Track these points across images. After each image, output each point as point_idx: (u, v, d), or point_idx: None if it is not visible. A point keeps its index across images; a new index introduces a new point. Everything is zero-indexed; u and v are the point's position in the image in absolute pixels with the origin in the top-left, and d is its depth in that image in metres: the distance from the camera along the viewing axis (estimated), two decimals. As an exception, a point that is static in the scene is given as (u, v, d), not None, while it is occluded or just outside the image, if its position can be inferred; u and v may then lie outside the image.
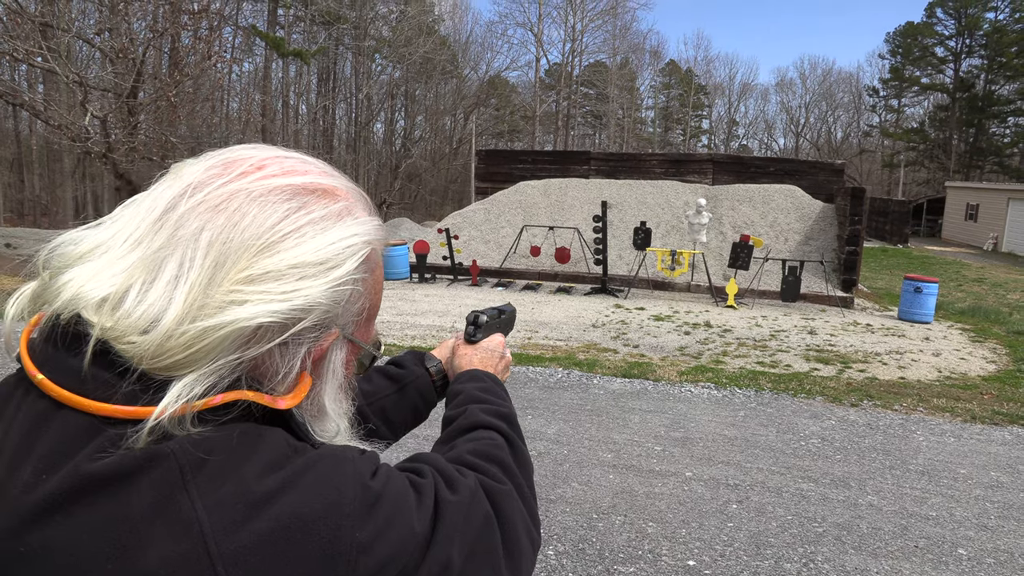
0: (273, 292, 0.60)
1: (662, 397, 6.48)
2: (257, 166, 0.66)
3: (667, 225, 15.32)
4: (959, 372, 7.75)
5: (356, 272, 0.66)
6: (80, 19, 16.78)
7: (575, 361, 7.69)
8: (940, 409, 6.34)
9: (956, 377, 7.52)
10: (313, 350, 0.65)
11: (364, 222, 0.68)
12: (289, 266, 0.61)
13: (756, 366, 7.75)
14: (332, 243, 0.64)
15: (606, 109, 48.45)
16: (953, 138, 50.29)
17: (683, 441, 5.31)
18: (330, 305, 0.64)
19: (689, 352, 8.37)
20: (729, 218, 15.29)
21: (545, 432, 5.44)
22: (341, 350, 0.70)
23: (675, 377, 7.13)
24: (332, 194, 0.67)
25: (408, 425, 1.12)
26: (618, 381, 6.98)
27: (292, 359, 0.64)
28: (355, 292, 0.67)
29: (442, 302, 11.26)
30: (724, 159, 18.49)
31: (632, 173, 17.94)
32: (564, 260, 13.64)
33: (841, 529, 3.97)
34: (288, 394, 0.65)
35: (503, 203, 16.70)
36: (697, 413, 6.02)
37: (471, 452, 0.82)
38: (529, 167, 18.88)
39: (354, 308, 0.68)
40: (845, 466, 4.92)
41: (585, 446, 5.17)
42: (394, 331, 9.14)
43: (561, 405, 6.16)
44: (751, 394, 6.63)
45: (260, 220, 0.62)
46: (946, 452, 5.26)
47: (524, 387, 6.70)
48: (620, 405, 6.20)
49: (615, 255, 14.30)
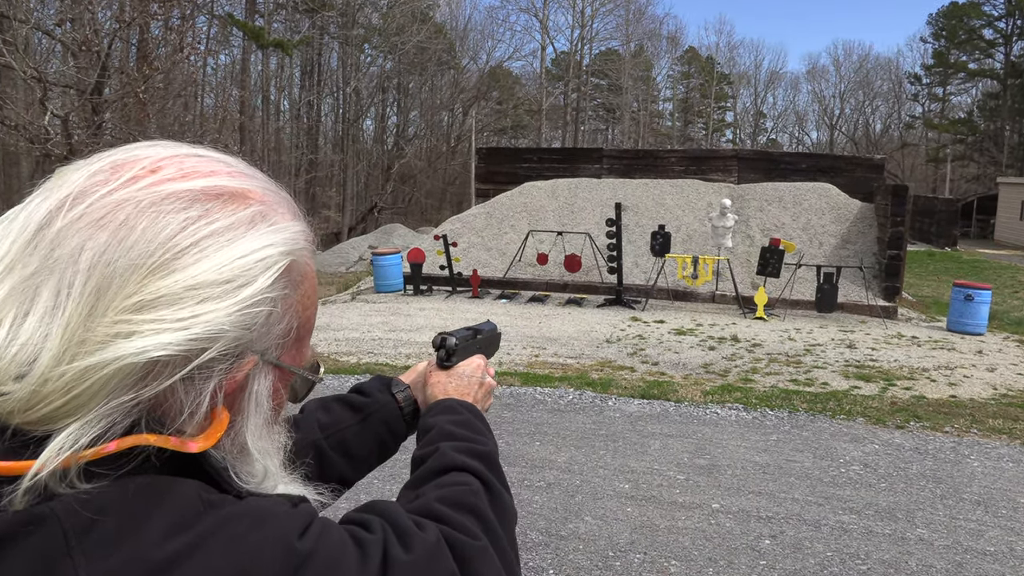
0: (167, 320, 0.57)
1: (685, 420, 6.45)
2: (151, 168, 0.62)
3: (688, 229, 15.32)
4: (1017, 389, 7.70)
5: (271, 289, 0.63)
6: (39, 8, 16.97)
7: (587, 380, 7.67)
8: (996, 431, 6.29)
9: (1014, 395, 7.47)
10: (225, 382, 0.62)
11: (281, 229, 0.65)
12: (187, 288, 0.58)
13: (789, 384, 7.73)
14: (240, 257, 0.61)
15: (619, 102, 48.63)
16: (1005, 129, 50.26)
17: (709, 469, 5.28)
18: (239, 331, 0.61)
19: (714, 369, 8.34)
20: (757, 220, 15.29)
21: (555, 460, 5.42)
22: (265, 378, 0.67)
23: (699, 398, 7.11)
24: (242, 198, 0.64)
25: (373, 461, 1.08)
26: (636, 402, 6.95)
27: (199, 394, 0.61)
28: (273, 313, 0.64)
29: (440, 316, 11.26)
30: (751, 155, 18.50)
31: (649, 172, 17.97)
32: (574, 269, 13.65)
33: (888, 567, 3.93)
34: (200, 434, 0.62)
35: (506, 206, 16.73)
36: (724, 437, 6.00)
37: (440, 500, 0.79)
38: (535, 166, 18.92)
39: (276, 330, 0.65)
40: (891, 496, 4.88)
41: (599, 475, 5.14)
42: (386, 349, 9.14)
43: (572, 430, 6.13)
44: (784, 416, 6.60)
45: (151, 235, 0.59)
46: (1004, 479, 5.21)
47: (531, 410, 6.68)
48: (638, 429, 6.17)
49: (631, 263, 14.30)
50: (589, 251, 14.24)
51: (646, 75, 51.80)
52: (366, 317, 11.26)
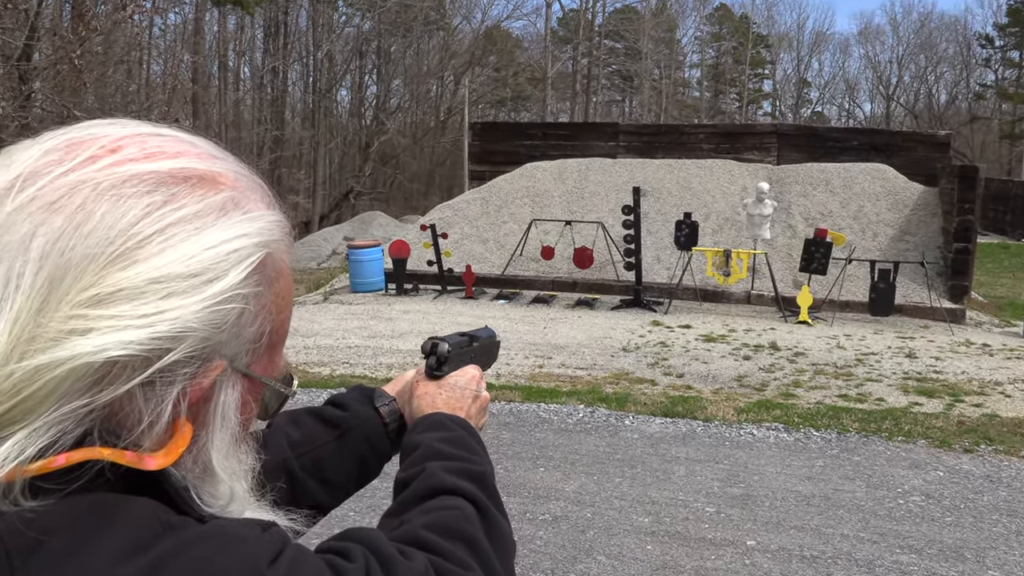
0: (128, 316, 0.59)
1: (715, 442, 6.44)
2: (110, 148, 0.64)
3: (719, 217, 15.31)
4: (1106, 406, 7.69)
5: (244, 285, 0.65)
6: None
7: (601, 396, 7.67)
8: (1082, 455, 6.28)
9: (1102, 412, 7.46)
10: (189, 390, 0.64)
11: (256, 218, 0.67)
12: (150, 280, 0.60)
13: (838, 400, 7.72)
14: (209, 248, 0.63)
15: (638, 68, 48.60)
16: (1092, 100, 50.23)
17: (743, 500, 5.27)
18: (208, 331, 0.63)
19: (750, 383, 8.33)
20: (800, 207, 15.29)
21: (562, 489, 5.41)
22: (233, 388, 0.69)
23: (732, 416, 7.11)
24: (212, 182, 0.66)
25: (352, 485, 1.10)
26: (657, 421, 6.95)
27: (160, 403, 0.63)
28: (246, 312, 0.66)
29: (427, 320, 11.26)
30: (793, 131, 18.48)
31: (673, 150, 17.96)
32: (585, 264, 13.64)
33: (954, 615, 3.93)
34: (159, 449, 0.63)
35: (505, 191, 16.73)
36: (761, 463, 5.98)
37: (427, 526, 0.80)
38: (539, 144, 18.91)
39: (247, 333, 0.67)
40: (958, 531, 4.87)
41: (615, 507, 5.13)
42: (364, 359, 9.13)
43: (583, 453, 6.13)
44: (832, 437, 6.59)
45: (111, 220, 0.60)
46: (1091, 512, 5.20)
47: (533, 430, 6.68)
48: (660, 453, 6.17)
49: (652, 257, 14.30)
50: (602, 244, 14.24)
51: (669, 37, 51.81)
52: (341, 321, 11.26)
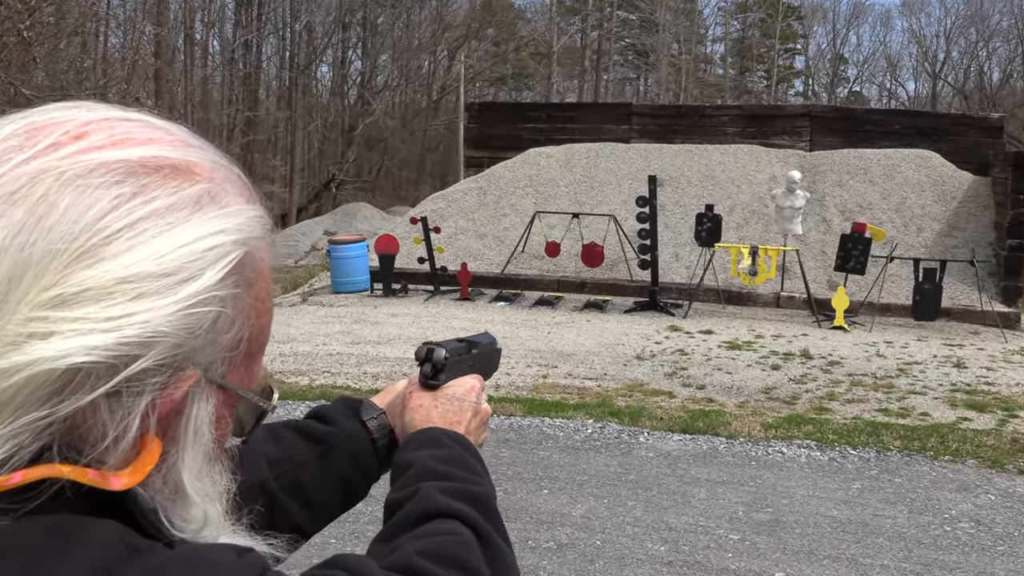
0: (93, 318, 0.60)
1: (740, 462, 6.46)
2: (75, 134, 0.65)
3: (744, 209, 15.31)
4: None
5: (221, 286, 0.65)
6: None
7: (612, 409, 7.68)
8: None
9: None
10: (159, 402, 0.64)
11: (234, 213, 0.68)
12: (118, 280, 0.61)
13: (877, 415, 7.73)
14: (184, 245, 0.64)
15: (654, 42, 48.61)
16: None
17: (771, 526, 5.28)
18: (181, 336, 0.63)
19: (779, 395, 8.34)
20: (835, 199, 15.29)
21: (568, 514, 5.43)
22: (207, 401, 0.69)
23: (758, 432, 7.12)
24: (187, 173, 0.67)
25: (336, 507, 1.10)
26: (675, 438, 6.96)
27: (127, 415, 0.63)
28: (222, 316, 0.66)
29: (418, 324, 11.26)
30: (827, 112, 18.50)
31: (693, 134, 17.96)
32: (595, 262, 13.64)
33: (1006, 655, 3.94)
34: (125, 467, 0.63)
35: (505, 180, 16.73)
36: (792, 485, 5.99)
37: (421, 553, 0.80)
38: (543, 127, 18.91)
39: (223, 340, 0.68)
40: (1011, 562, 4.88)
41: (627, 534, 5.15)
42: (348, 368, 9.15)
43: (592, 474, 6.14)
44: (870, 456, 6.61)
45: (75, 214, 0.61)
46: None
47: (537, 447, 6.69)
48: (678, 473, 6.18)
49: (669, 254, 14.30)
50: (614, 239, 14.24)
51: (689, 7, 51.76)
52: (321, 325, 11.26)
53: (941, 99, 54.74)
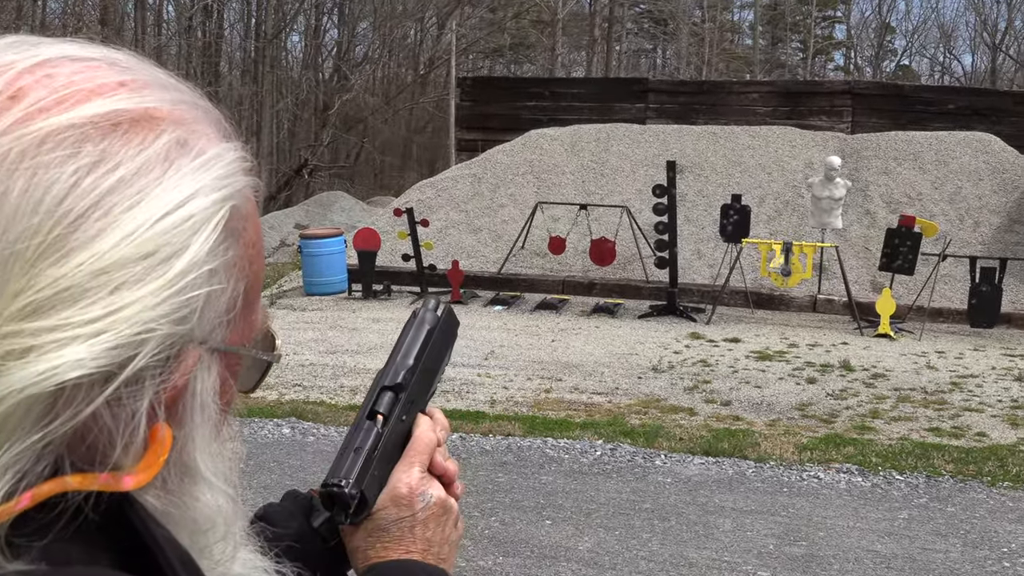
0: (74, 323, 0.58)
1: (771, 488, 6.46)
2: (10, 94, 0.62)
3: (776, 200, 15.31)
4: None
5: (211, 256, 0.65)
6: None
7: (624, 429, 7.68)
8: None
9: None
10: (164, 393, 0.64)
11: (212, 161, 0.67)
12: (93, 273, 0.59)
13: (928, 435, 7.73)
14: (160, 217, 0.62)
15: (673, 9, 48.63)
16: None
17: (806, 561, 5.29)
18: (175, 323, 0.63)
19: (815, 412, 8.35)
20: (880, 188, 15.28)
21: (574, 548, 5.43)
22: (210, 373, 0.69)
23: (792, 454, 7.12)
24: (147, 122, 0.64)
25: None
26: (696, 461, 6.96)
27: (131, 418, 0.63)
28: (215, 289, 0.66)
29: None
30: (872, 89, 18.52)
31: (718, 114, 17.98)
32: (606, 260, 13.62)
33: None
34: (137, 464, 0.64)
35: (502, 166, 16.72)
36: (829, 514, 6.00)
37: None
38: (546, 105, 18.93)
39: (220, 306, 0.68)
40: (1079, 602, 4.89)
41: (641, 570, 5.15)
42: (322, 381, 9.15)
43: (601, 501, 6.14)
44: (919, 482, 6.60)
45: (31, 202, 0.59)
46: None
47: (538, 472, 6.69)
48: (700, 502, 6.18)
49: (690, 251, 14.30)
50: (627, 234, 14.23)
51: (715, -31, 51.73)
52: (292, 332, 11.26)
53: (1002, 75, 54.67)
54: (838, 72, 57.06)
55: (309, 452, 7.13)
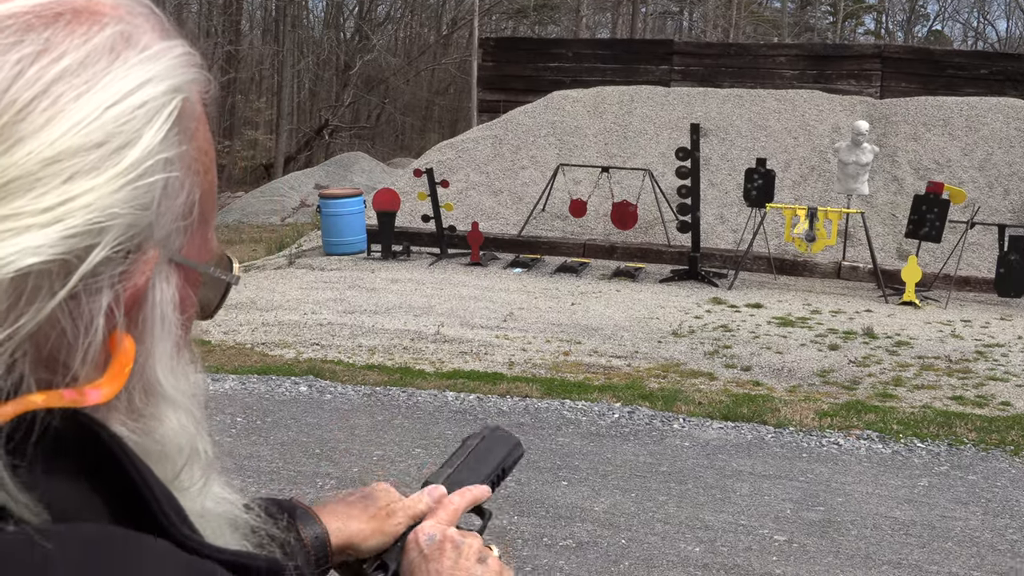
0: (27, 212, 0.58)
1: (789, 453, 6.46)
2: None
3: (802, 165, 15.22)
4: None
5: (165, 146, 0.64)
6: None
7: (643, 392, 7.70)
8: None
9: None
10: (122, 293, 0.64)
11: (158, 55, 0.66)
12: (43, 162, 0.59)
13: (951, 403, 7.72)
14: (110, 105, 0.62)
15: (701, -30, 48.18)
16: None
17: (823, 526, 5.30)
18: (134, 213, 0.62)
19: (836, 379, 8.34)
20: (909, 154, 15.17)
21: (590, 509, 5.46)
22: (168, 284, 0.69)
23: (812, 420, 7.12)
24: (91, 15, 0.64)
25: None
26: (715, 426, 6.97)
27: (90, 318, 0.62)
28: (171, 180, 0.66)
29: (421, 292, 11.28)
30: (902, 54, 18.30)
31: (744, 77, 17.84)
32: (627, 224, 13.59)
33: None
34: (101, 378, 0.63)
35: (524, 128, 16.68)
36: (848, 480, 6.00)
37: None
38: (569, 67, 18.82)
39: (176, 206, 0.67)
40: (1100, 572, 4.88)
41: (657, 532, 5.17)
42: (340, 340, 9.18)
43: (618, 464, 6.17)
44: (941, 450, 6.60)
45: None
46: None
47: (555, 433, 6.72)
48: (717, 466, 6.19)
49: (713, 215, 14.25)
50: (649, 197, 14.20)
51: (743, -70, 51.18)
52: (310, 291, 11.30)
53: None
54: (868, 36, 56.50)
55: (326, 410, 7.17)
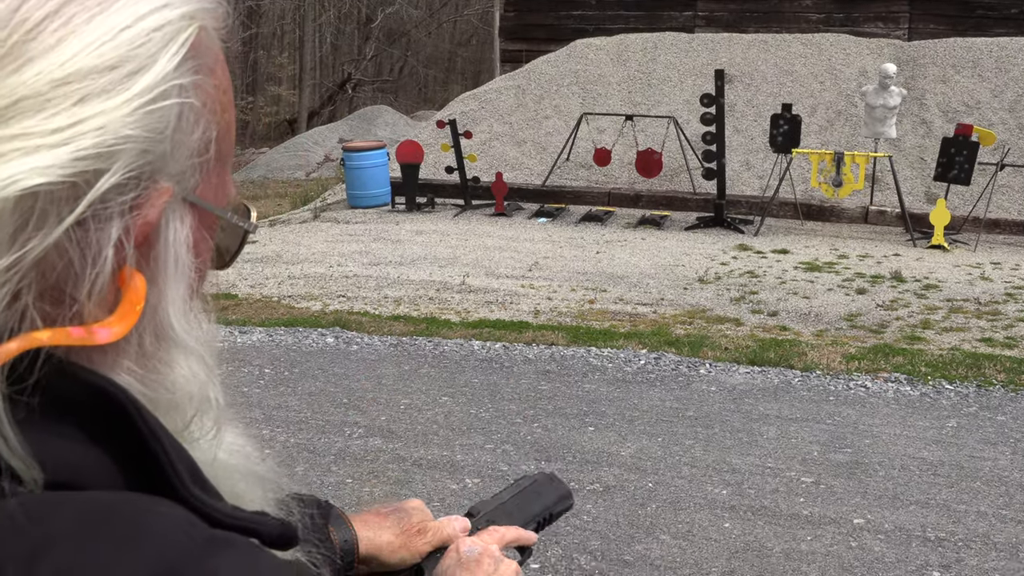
0: (36, 132, 0.57)
1: (816, 396, 6.47)
2: None
3: (829, 110, 15.08)
4: None
5: (179, 73, 0.63)
6: None
7: (669, 338, 7.71)
8: None
9: None
10: (133, 225, 0.62)
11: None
12: (54, 82, 0.58)
13: (979, 345, 7.68)
14: (124, 28, 0.61)
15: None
16: None
17: (850, 468, 5.31)
18: (147, 140, 0.61)
19: (864, 323, 8.32)
20: (937, 96, 14.99)
21: (617, 454, 5.49)
22: (182, 223, 0.67)
23: (839, 364, 7.12)
24: None
25: None
26: (741, 370, 6.98)
27: (98, 247, 0.61)
28: (187, 110, 0.64)
29: (446, 243, 11.31)
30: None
31: (769, 22, 17.62)
32: (652, 172, 13.53)
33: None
34: (110, 316, 0.62)
35: (547, 77, 16.59)
36: (876, 422, 6.01)
37: None
38: (591, 15, 18.63)
39: (191, 141, 0.65)
40: None
41: (684, 476, 5.20)
42: (366, 292, 9.23)
43: (644, 409, 6.20)
44: (969, 391, 6.58)
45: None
46: None
47: (582, 380, 6.74)
48: (744, 410, 6.21)
49: (739, 162, 14.16)
50: (674, 145, 14.12)
51: None
52: (336, 244, 11.35)
53: (1068, -21, 52.91)
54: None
55: (353, 360, 7.22)
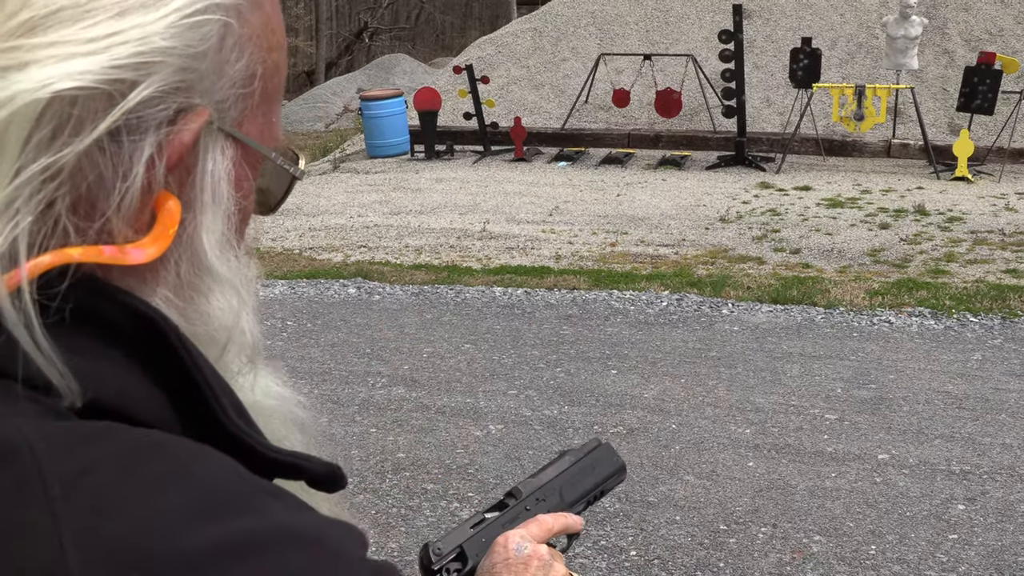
0: (73, 41, 0.58)
1: (839, 333, 6.46)
2: None
3: (849, 42, 14.88)
4: None
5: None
6: None
7: (691, 279, 7.70)
8: None
9: None
10: (165, 144, 0.62)
11: None
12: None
13: (1004, 277, 7.63)
14: None
15: None
16: None
17: (874, 404, 5.31)
18: (184, 56, 0.61)
19: (887, 258, 8.27)
20: (959, 25, 14.74)
21: (640, 396, 5.51)
22: (222, 155, 0.67)
23: (862, 300, 7.10)
24: None
25: None
26: (764, 309, 6.97)
27: (129, 163, 0.61)
28: (230, 33, 0.64)
29: (466, 190, 11.29)
30: (953, -80, 17.61)
31: (788, -46, 17.33)
32: (671, 112, 13.43)
33: None
34: (141, 235, 0.62)
35: (564, 19, 16.45)
36: (900, 357, 5.99)
37: None
38: (607, -47, 18.39)
39: (234, 70, 0.66)
40: None
41: (707, 416, 5.22)
42: (387, 242, 9.25)
43: (667, 351, 6.21)
44: (994, 324, 6.55)
45: None
46: None
47: (604, 323, 6.76)
48: (767, 348, 6.21)
49: (759, 99, 14.02)
50: (693, 84, 13.99)
51: None
52: (355, 195, 11.36)
53: (1096, -101, 51.69)
54: (918, -95, 54.37)
55: (375, 310, 7.25)
